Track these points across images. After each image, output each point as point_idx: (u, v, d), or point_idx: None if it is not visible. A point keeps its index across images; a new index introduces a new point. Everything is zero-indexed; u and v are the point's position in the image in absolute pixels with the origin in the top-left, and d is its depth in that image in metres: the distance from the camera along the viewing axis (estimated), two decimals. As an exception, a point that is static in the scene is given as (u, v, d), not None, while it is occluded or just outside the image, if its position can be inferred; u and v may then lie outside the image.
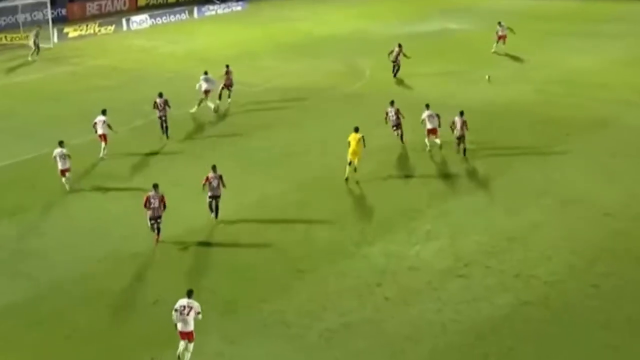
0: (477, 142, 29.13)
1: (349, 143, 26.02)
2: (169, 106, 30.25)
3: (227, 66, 34.88)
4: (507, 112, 32.68)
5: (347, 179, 25.85)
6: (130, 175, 26.67)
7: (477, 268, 20.32)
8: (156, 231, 21.84)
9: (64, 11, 55.46)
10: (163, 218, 21.77)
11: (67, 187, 25.72)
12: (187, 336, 16.75)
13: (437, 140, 28.22)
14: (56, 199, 25.06)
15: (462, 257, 20.82)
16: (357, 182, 25.83)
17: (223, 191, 23.03)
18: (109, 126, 28.57)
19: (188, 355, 16.75)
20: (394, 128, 29.02)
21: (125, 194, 25.10)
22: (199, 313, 16.77)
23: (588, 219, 22.91)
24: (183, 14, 56.61)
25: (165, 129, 30.30)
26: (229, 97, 34.59)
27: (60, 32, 48.37)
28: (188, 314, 16.64)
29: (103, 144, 28.62)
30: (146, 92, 34.85)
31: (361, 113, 33.24)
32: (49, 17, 48.46)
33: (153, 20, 54.45)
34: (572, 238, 21.80)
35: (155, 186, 22.01)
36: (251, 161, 27.73)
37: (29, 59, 43.85)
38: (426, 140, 28.32)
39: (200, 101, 33.13)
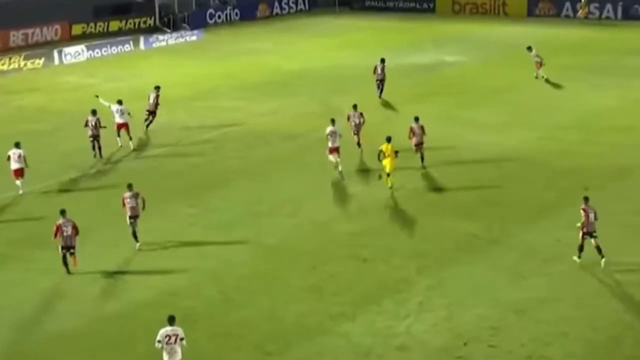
0: (478, 197, 29.73)
1: (382, 153, 30.20)
2: (101, 126, 33.96)
3: (157, 88, 38.22)
4: (514, 163, 33.29)
5: (391, 187, 30.21)
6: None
7: (479, 347, 20.59)
8: (72, 258, 24.34)
9: (-20, 41, 55.99)
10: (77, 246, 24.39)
11: None
12: None
13: (338, 159, 31.99)
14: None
15: (462, 334, 21.10)
16: (336, 242, 26.19)
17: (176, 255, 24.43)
18: (25, 160, 29.80)
19: None
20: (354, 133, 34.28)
21: (54, 263, 25.19)
22: (182, 339, 18.57)
23: (610, 288, 23.35)
24: (127, 45, 57.29)
25: (98, 149, 34.17)
26: (148, 124, 37.90)
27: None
28: (175, 342, 18.40)
29: (18, 181, 29.60)
30: (82, 139, 35.19)
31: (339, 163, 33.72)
32: (-36, 48, 48.97)
33: (91, 52, 55.05)
34: (591, 311, 22.17)
35: (63, 212, 24.66)
36: (209, 223, 28.01)
37: None
38: (331, 157, 32.09)
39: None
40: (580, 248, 24.51)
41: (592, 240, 24.37)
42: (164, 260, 25.25)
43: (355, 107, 35.00)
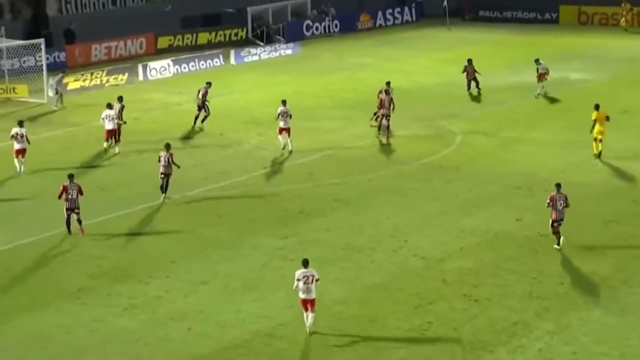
0: (608, 234, 29.19)
1: (594, 123, 36.09)
2: (122, 119, 39.41)
3: (208, 83, 42.90)
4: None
5: (598, 155, 36.00)
6: (142, 272, 27.27)
7: (606, 404, 20.18)
8: (77, 223, 29.48)
9: (62, 55, 57.53)
10: (81, 208, 29.33)
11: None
12: (311, 304, 22.97)
13: (289, 140, 37.86)
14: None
15: (587, 389, 20.73)
16: (444, 280, 26.04)
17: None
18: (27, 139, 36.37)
19: (312, 324, 22.95)
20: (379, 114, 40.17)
21: (137, 299, 25.61)
22: (317, 280, 23.10)
23: None
24: (216, 60, 58.14)
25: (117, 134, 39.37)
26: (202, 120, 42.37)
27: (57, 82, 50.02)
28: (312, 282, 22.95)
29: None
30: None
31: (447, 192, 33.55)
32: (44, 63, 50.25)
33: (177, 67, 56.03)
34: None
35: (71, 176, 30.04)
36: (302, 257, 27.83)
37: (54, 107, 46.56)
38: (280, 137, 37.99)
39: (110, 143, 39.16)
40: (555, 234, 27.72)
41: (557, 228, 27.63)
42: (252, 297, 25.40)
43: (388, 83, 41.40)
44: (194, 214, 31.86)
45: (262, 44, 64.00)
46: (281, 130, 38.16)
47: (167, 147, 32.96)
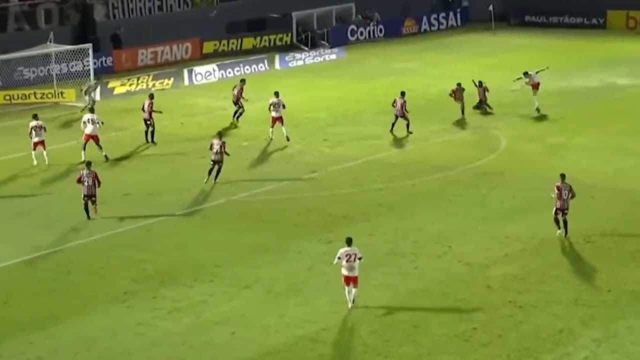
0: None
1: None
2: (154, 110, 40.67)
3: (242, 81, 44.96)
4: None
5: None
6: (186, 275, 27.43)
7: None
8: (93, 206, 30.92)
9: (109, 60, 58.14)
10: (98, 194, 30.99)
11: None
12: (353, 281, 24.23)
13: (284, 129, 39.69)
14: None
15: (633, 397, 20.52)
16: (489, 286, 25.92)
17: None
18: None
19: (356, 299, 24.29)
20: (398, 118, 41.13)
21: (181, 302, 25.76)
22: (360, 258, 24.28)
23: None
24: (261, 65, 58.35)
25: (151, 134, 40.95)
26: (237, 117, 44.26)
27: (104, 86, 50.53)
28: (354, 260, 24.09)
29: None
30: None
31: (492, 198, 33.41)
32: (91, 67, 50.71)
33: (222, 72, 56.27)
34: None
35: (89, 164, 31.51)
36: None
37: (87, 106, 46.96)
38: (271, 129, 40.07)
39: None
40: (556, 222, 28.91)
41: (561, 217, 28.67)
42: (296, 301, 25.45)
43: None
44: (238, 219, 31.97)
45: (306, 49, 64.15)
46: (274, 120, 39.97)
47: (219, 135, 35.03)
